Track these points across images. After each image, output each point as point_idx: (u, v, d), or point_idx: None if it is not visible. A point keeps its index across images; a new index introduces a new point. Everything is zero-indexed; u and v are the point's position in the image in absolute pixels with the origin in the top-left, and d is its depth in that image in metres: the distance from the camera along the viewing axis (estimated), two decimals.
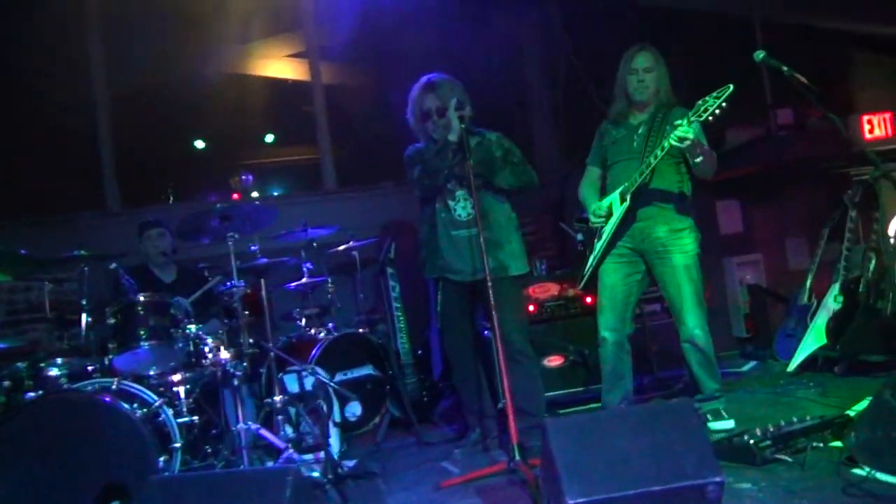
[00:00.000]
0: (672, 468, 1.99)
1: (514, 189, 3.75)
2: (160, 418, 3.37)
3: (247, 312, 4.60)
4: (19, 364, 3.50)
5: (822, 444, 3.12)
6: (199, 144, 9.21)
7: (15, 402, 3.33)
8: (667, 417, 2.09)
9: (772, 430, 3.15)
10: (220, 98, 7.54)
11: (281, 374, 4.31)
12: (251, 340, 3.64)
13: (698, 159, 3.58)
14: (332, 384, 3.78)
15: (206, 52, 6.98)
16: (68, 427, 2.93)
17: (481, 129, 3.84)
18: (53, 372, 3.38)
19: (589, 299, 4.75)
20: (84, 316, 3.47)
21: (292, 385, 4.27)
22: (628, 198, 3.66)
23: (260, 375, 4.29)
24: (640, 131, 3.80)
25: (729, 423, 3.72)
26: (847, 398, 3.88)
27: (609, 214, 3.76)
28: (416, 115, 3.81)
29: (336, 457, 4.18)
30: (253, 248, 3.81)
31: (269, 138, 9.45)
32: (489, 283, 3.32)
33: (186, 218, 3.52)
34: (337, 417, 4.32)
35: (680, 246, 3.74)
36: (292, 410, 4.14)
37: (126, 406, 3.04)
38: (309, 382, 4.33)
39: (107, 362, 3.34)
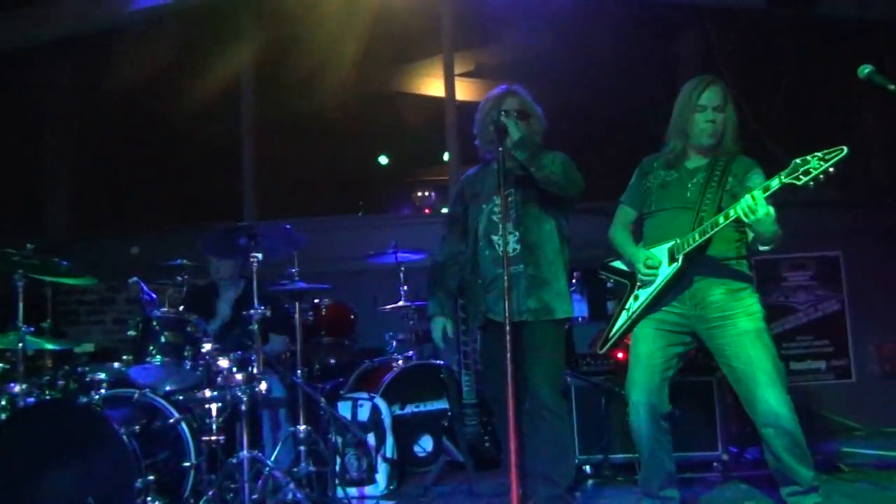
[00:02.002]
0: None
1: (556, 180, 3.21)
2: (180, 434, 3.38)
3: (323, 333, 4.62)
4: (82, 368, 3.68)
5: None
6: (383, 160, 9.40)
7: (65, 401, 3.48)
8: None
9: None
10: (398, 116, 7.72)
11: (337, 401, 4.21)
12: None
13: (756, 237, 2.92)
14: (338, 415, 3.55)
15: (371, 72, 7.12)
16: (56, 435, 3.00)
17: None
18: (100, 377, 3.48)
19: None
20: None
21: (345, 413, 4.13)
22: (681, 258, 3.03)
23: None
24: (696, 178, 3.14)
25: None
26: None
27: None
28: (485, 119, 3.33)
29: (379, 494, 4.00)
30: (291, 270, 3.70)
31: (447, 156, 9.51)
32: (507, 327, 2.91)
33: (214, 235, 3.50)
34: (389, 453, 4.12)
35: (743, 308, 3.04)
36: (339, 440, 4.01)
37: (115, 421, 3.03)
38: (364, 413, 4.18)
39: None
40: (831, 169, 2.64)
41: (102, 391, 3.37)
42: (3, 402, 3.39)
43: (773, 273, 6.00)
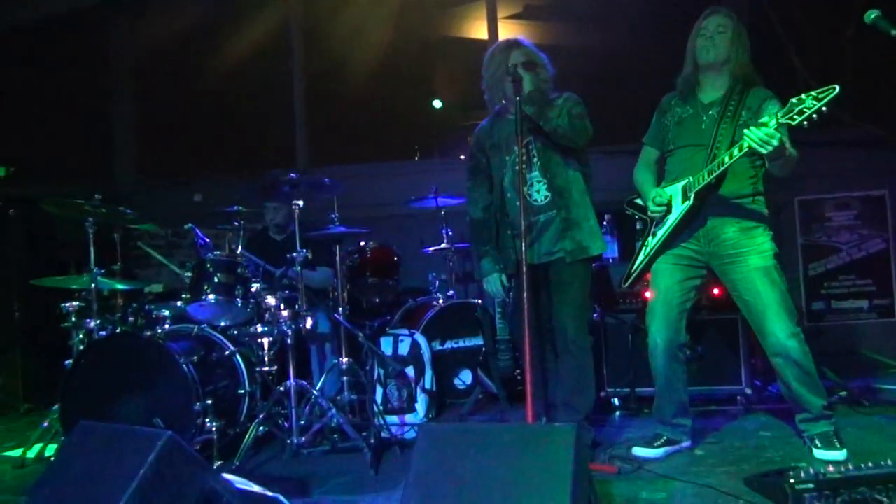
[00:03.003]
0: (518, 498, 1.78)
1: (562, 132, 3.34)
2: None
3: (368, 274, 4.91)
4: (148, 306, 4.09)
5: (885, 499, 2.54)
6: (437, 104, 9.51)
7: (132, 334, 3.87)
8: (537, 444, 1.85)
9: (825, 471, 2.64)
10: (450, 61, 7.84)
11: (380, 337, 4.53)
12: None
13: (777, 163, 3.03)
14: (375, 349, 3.85)
15: (419, 17, 7.26)
16: (126, 364, 3.40)
17: (556, 93, 3.54)
18: (164, 313, 3.87)
19: (717, 291, 4.28)
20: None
21: (387, 348, 4.45)
22: (692, 196, 3.18)
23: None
24: (710, 112, 3.26)
25: (840, 454, 3.14)
26: None
27: (669, 206, 3.30)
28: (496, 73, 3.41)
29: (418, 422, 4.32)
30: (332, 215, 3.98)
31: None
32: (524, 267, 3.14)
33: (261, 185, 3.80)
34: (427, 384, 4.43)
35: (755, 246, 3.21)
36: (381, 372, 4.34)
37: (176, 352, 3.40)
38: (404, 348, 4.49)
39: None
40: (824, 108, 2.73)
41: (166, 326, 3.77)
42: (81, 336, 3.82)
43: (816, 212, 6.02)
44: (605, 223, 4.60)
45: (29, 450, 3.79)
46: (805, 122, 2.76)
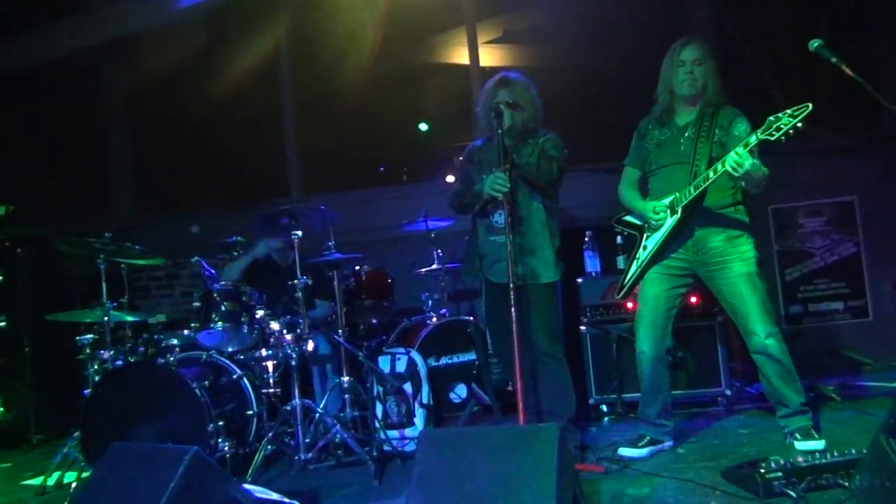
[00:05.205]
0: (510, 493, 2.01)
1: (529, 170, 3.62)
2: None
3: (364, 296, 5.14)
4: (157, 335, 4.31)
5: (846, 483, 2.80)
6: (423, 127, 9.74)
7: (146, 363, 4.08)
8: (525, 442, 2.09)
9: (793, 461, 2.89)
10: (434, 85, 8.12)
11: (378, 356, 4.75)
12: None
13: (749, 183, 3.37)
14: (376, 367, 4.08)
15: (403, 45, 7.54)
16: (140, 391, 3.61)
17: (542, 131, 3.81)
18: (173, 342, 4.10)
19: (693, 299, 4.54)
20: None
21: (385, 366, 4.67)
22: (679, 210, 3.48)
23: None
24: (687, 133, 3.56)
25: (819, 444, 3.40)
26: None
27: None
28: (485, 105, 3.76)
29: (418, 435, 4.53)
30: (329, 243, 4.22)
31: None
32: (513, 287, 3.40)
33: (261, 217, 4.04)
34: (425, 399, 4.65)
35: (739, 254, 3.51)
36: (380, 390, 4.56)
37: (188, 378, 3.62)
38: (401, 365, 4.72)
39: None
40: (799, 124, 3.04)
41: (176, 353, 3.99)
42: (96, 367, 4.03)
43: (789, 220, 6.30)
44: (587, 239, 4.87)
45: (49, 478, 3.98)
46: (783, 139, 3.07)
